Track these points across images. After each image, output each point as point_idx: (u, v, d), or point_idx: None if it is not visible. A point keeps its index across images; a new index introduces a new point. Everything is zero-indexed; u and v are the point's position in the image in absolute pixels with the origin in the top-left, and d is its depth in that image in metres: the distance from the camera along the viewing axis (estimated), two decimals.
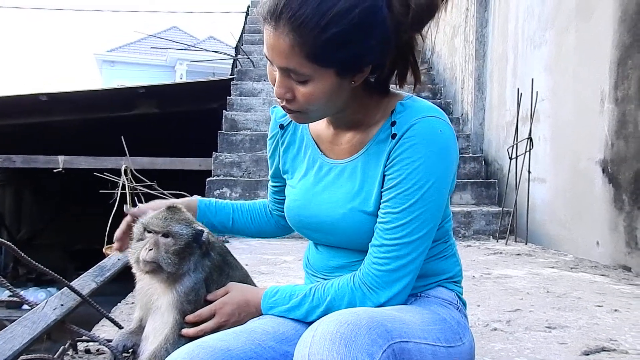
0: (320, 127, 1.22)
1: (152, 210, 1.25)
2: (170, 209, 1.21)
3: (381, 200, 1.10)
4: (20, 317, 1.38)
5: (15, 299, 1.44)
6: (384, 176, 1.10)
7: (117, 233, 1.29)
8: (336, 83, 1.03)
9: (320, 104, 1.06)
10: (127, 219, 1.30)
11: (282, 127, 1.29)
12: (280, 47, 0.98)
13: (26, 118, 7.38)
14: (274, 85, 1.07)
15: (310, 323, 1.07)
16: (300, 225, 1.24)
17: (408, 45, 1.11)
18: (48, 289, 7.82)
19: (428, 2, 1.04)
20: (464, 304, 1.23)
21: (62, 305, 1.44)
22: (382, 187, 1.10)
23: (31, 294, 7.43)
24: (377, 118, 1.14)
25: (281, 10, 0.96)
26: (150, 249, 1.16)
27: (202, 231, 1.21)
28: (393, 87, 1.18)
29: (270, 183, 1.41)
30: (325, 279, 1.19)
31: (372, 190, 1.11)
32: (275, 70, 1.04)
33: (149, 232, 1.19)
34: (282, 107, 1.09)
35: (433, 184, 1.06)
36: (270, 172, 1.38)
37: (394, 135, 1.08)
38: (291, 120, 1.27)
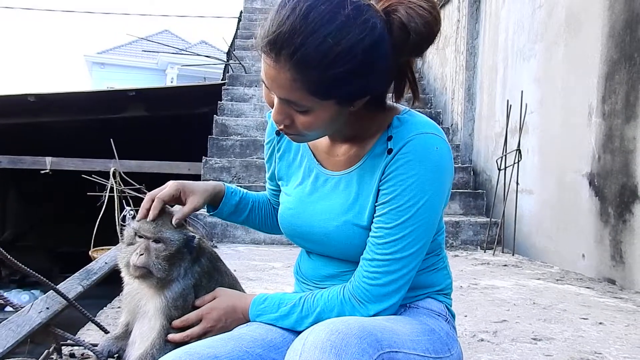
0: None
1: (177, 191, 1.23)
2: (162, 214, 1.20)
3: (375, 215, 1.09)
4: (2, 318, 1.36)
5: None
6: (378, 191, 1.09)
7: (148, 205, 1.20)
8: (336, 111, 1.03)
9: (319, 130, 1.07)
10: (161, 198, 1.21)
11: (278, 133, 1.29)
12: (281, 81, 0.97)
13: (14, 118, 7.30)
14: (270, 107, 1.06)
15: (298, 332, 1.07)
16: (293, 233, 1.23)
17: (406, 63, 1.11)
18: (31, 291, 7.72)
19: (428, 30, 1.01)
20: (453, 315, 1.23)
21: (47, 308, 1.42)
22: (377, 201, 1.09)
23: (14, 296, 7.33)
24: (373, 131, 1.13)
25: (282, 46, 0.93)
26: (141, 254, 1.15)
27: (193, 237, 1.21)
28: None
29: (267, 185, 1.41)
30: (316, 287, 1.19)
31: (366, 204, 1.11)
32: (273, 94, 1.03)
33: (140, 236, 1.18)
34: (280, 130, 1.07)
35: (427, 201, 1.06)
36: (267, 175, 1.38)
37: (389, 151, 1.08)
38: None
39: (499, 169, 4.33)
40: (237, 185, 1.44)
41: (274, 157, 1.31)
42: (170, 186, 1.24)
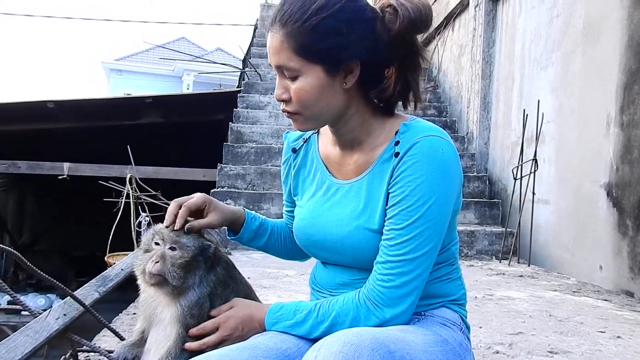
0: (329, 149, 1.25)
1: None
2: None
3: (385, 218, 1.11)
4: (19, 322, 1.38)
5: (14, 305, 1.44)
6: (388, 194, 1.12)
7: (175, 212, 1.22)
8: (326, 81, 1.09)
9: (312, 102, 1.10)
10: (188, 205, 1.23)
11: (294, 150, 1.32)
12: (273, 45, 1.09)
13: (33, 124, 7.41)
14: (279, 101, 1.14)
15: (314, 340, 1.07)
16: (307, 243, 1.25)
17: (407, 64, 1.16)
18: (48, 295, 7.81)
19: (417, 15, 1.09)
20: (468, 327, 1.23)
21: (64, 315, 1.44)
22: (387, 204, 1.11)
23: (31, 299, 7.41)
24: (381, 139, 1.17)
25: (275, 15, 1.10)
26: (157, 262, 1.16)
27: (210, 245, 1.21)
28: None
29: (285, 208, 1.42)
30: (331, 295, 1.20)
31: (376, 208, 1.13)
32: (275, 73, 1.13)
33: (156, 244, 1.19)
34: (282, 110, 1.15)
35: (435, 201, 1.07)
36: (284, 197, 1.40)
37: (397, 154, 1.11)
38: (303, 145, 1.31)
39: (515, 179, 4.29)
40: (252, 192, 1.47)
41: (290, 174, 1.33)
42: (198, 197, 1.26)
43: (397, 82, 1.16)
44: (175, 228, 1.19)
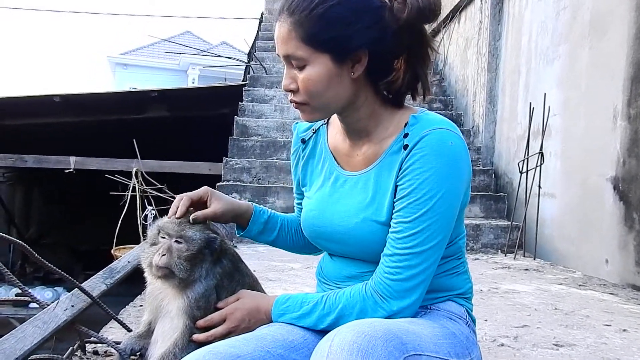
0: (338, 140, 1.25)
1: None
2: (187, 215, 1.22)
3: (393, 210, 1.11)
4: (26, 315, 1.40)
5: (22, 297, 1.45)
6: (396, 187, 1.11)
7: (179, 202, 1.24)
8: (334, 70, 1.09)
9: (320, 92, 1.10)
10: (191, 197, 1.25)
11: (303, 141, 1.32)
12: (281, 35, 1.09)
13: (39, 118, 7.44)
14: (286, 91, 1.14)
15: (319, 331, 1.08)
16: (314, 234, 1.25)
17: (415, 55, 1.15)
18: (55, 288, 7.86)
19: (425, 3, 1.08)
20: (473, 320, 1.23)
21: (72, 306, 1.45)
22: (395, 197, 1.11)
23: (38, 292, 7.47)
24: (390, 131, 1.16)
25: (283, 4, 1.09)
26: (164, 254, 1.17)
27: (216, 237, 1.22)
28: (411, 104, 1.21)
29: (295, 201, 1.42)
30: (337, 288, 1.20)
31: (384, 200, 1.13)
32: (283, 65, 1.13)
33: (163, 237, 1.20)
34: (290, 101, 1.15)
35: (444, 194, 1.07)
36: (294, 189, 1.40)
37: (405, 147, 1.11)
38: (312, 135, 1.31)
39: (521, 172, 4.28)
40: (257, 185, 1.47)
41: (299, 165, 1.33)
42: (201, 189, 1.29)
43: (406, 74, 1.15)
44: (176, 216, 1.21)
